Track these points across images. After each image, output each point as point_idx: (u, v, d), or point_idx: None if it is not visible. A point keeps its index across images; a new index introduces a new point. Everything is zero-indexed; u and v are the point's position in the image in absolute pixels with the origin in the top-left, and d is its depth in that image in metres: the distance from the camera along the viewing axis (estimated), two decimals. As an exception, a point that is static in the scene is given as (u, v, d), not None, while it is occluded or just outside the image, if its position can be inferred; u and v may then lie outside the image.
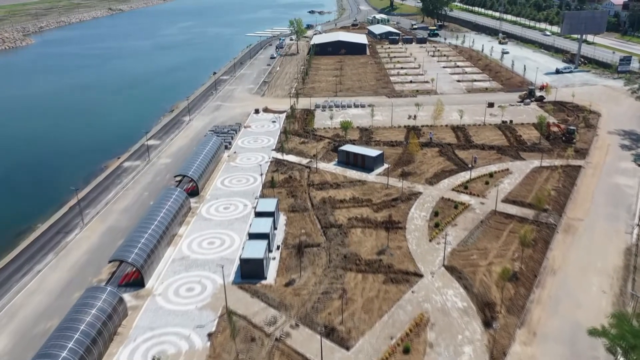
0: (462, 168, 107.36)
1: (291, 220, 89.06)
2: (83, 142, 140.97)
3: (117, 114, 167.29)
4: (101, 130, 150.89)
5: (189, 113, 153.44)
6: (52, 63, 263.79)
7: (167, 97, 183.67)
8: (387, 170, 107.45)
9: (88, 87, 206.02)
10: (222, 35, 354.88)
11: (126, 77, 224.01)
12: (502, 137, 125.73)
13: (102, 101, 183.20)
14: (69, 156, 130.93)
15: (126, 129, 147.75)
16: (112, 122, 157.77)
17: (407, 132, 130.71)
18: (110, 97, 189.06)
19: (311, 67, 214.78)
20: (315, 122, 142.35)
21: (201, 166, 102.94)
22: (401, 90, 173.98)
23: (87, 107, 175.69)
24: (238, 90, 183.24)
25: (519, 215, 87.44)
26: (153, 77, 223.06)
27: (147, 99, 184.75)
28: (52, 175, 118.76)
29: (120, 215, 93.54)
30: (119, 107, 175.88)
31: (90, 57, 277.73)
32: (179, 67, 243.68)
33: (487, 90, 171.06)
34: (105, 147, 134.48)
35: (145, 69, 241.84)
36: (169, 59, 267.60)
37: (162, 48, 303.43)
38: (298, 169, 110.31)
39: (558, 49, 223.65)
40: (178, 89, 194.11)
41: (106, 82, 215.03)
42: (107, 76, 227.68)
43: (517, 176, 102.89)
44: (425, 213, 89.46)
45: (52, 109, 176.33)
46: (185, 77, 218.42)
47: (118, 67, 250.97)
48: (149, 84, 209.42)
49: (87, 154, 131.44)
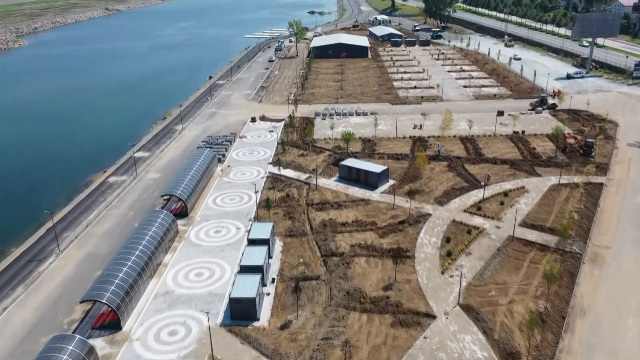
0: (473, 185, 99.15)
1: (288, 246, 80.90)
2: (68, 153, 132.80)
3: (106, 121, 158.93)
4: (89, 140, 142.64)
5: (182, 121, 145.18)
6: (43, 66, 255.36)
7: (160, 102, 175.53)
8: (392, 187, 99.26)
9: (78, 91, 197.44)
10: (220, 36, 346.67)
11: (119, 80, 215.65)
12: (514, 149, 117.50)
13: (92, 107, 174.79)
14: (52, 169, 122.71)
15: (115, 138, 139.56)
16: (100, 131, 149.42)
17: (412, 144, 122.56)
18: (100, 102, 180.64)
19: (311, 71, 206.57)
20: (315, 131, 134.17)
21: (191, 184, 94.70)
22: (405, 96, 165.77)
23: (75, 114, 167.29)
24: (234, 96, 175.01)
25: (540, 243, 79.22)
26: (147, 80, 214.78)
27: (140, 105, 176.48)
28: (32, 191, 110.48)
29: (100, 239, 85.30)
30: (110, 113, 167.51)
31: (83, 59, 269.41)
32: (175, 70, 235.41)
33: (496, 96, 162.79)
34: (92, 159, 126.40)
35: (139, 71, 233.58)
36: (164, 61, 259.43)
37: (158, 49, 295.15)
38: (296, 186, 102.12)
39: (567, 53, 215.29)
40: (172, 94, 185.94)
41: (98, 86, 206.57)
42: (99, 79, 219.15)
43: (534, 195, 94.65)
44: (436, 239, 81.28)
45: (36, 116, 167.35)
46: (180, 81, 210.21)
47: (111, 69, 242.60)
48: (143, 88, 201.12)
49: (72, 166, 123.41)
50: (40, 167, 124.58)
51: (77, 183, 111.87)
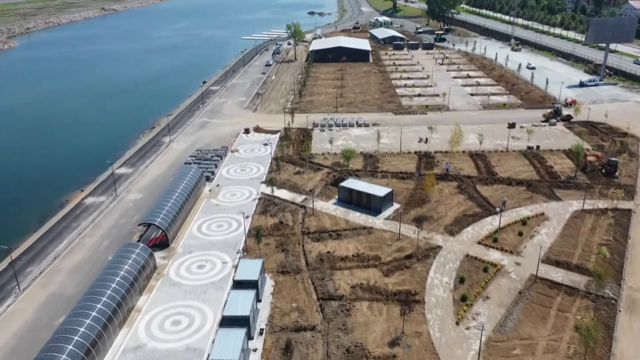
0: (487, 211, 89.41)
1: (280, 286, 71.12)
2: (46, 168, 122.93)
3: (91, 131, 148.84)
4: (70, 153, 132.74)
5: (170, 133, 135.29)
6: (30, 69, 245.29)
7: (150, 110, 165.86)
8: (397, 212, 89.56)
9: (64, 97, 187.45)
10: (217, 38, 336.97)
11: (109, 85, 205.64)
12: (529, 167, 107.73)
13: (77, 116, 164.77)
14: (26, 187, 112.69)
15: (99, 150, 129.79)
16: (83, 142, 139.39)
17: (418, 161, 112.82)
18: (87, 110, 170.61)
19: (309, 76, 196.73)
20: (313, 145, 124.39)
21: (173, 210, 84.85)
22: (409, 105, 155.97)
23: (58, 123, 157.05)
24: (228, 104, 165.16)
25: (567, 284, 69.48)
26: (138, 85, 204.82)
27: (129, 113, 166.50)
28: (3, 212, 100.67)
29: (68, 276, 75.43)
30: (95, 122, 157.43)
31: (73, 61, 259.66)
32: (168, 74, 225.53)
33: (505, 106, 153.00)
34: (71, 175, 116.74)
35: (131, 75, 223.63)
36: (158, 64, 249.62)
37: (152, 52, 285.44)
38: (291, 210, 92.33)
39: (578, 58, 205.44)
40: (164, 101, 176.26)
41: (86, 91, 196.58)
42: (88, 84, 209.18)
43: (556, 224, 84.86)
44: (448, 278, 71.52)
45: (13, 126, 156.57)
46: (172, 86, 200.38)
47: (102, 73, 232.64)
48: (133, 94, 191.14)
49: (49, 183, 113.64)
50: (12, 184, 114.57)
51: (50, 204, 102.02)
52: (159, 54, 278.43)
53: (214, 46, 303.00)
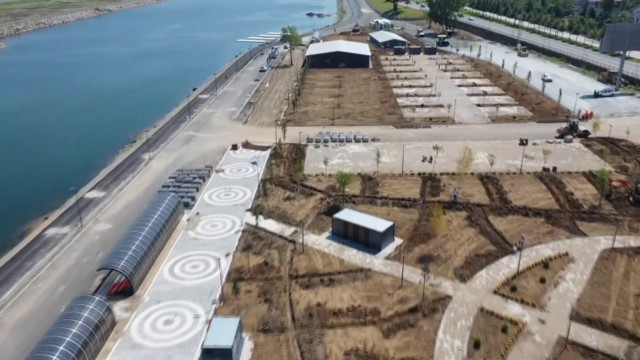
0: (502, 249, 78.05)
1: (260, 351, 59.59)
2: (12, 189, 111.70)
3: (67, 146, 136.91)
4: (41, 171, 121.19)
5: (150, 149, 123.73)
6: (10, 74, 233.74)
7: (133, 121, 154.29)
8: (399, 249, 78.23)
9: (42, 107, 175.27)
10: (212, 40, 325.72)
11: (92, 93, 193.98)
12: (546, 193, 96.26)
13: (53, 128, 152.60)
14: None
15: (73, 169, 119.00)
16: (58, 159, 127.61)
17: (422, 184, 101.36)
18: (64, 122, 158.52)
19: (305, 84, 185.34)
20: (306, 164, 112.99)
21: (140, 250, 73.36)
22: (411, 117, 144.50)
23: (32, 137, 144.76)
24: (217, 115, 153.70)
25: (603, 351, 58.04)
26: (124, 93, 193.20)
27: (109, 125, 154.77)
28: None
29: (10, 335, 63.88)
30: (72, 137, 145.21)
31: (57, 66, 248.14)
32: (157, 80, 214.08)
33: (515, 119, 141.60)
34: (39, 197, 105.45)
35: (117, 82, 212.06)
36: (147, 69, 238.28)
37: (142, 55, 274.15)
38: (278, 246, 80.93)
39: (590, 65, 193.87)
40: (149, 111, 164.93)
41: (65, 101, 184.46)
42: (69, 93, 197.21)
43: (583, 267, 73.45)
44: (460, 341, 60.06)
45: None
46: (160, 94, 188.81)
47: (86, 79, 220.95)
48: (117, 103, 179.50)
49: (13, 208, 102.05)
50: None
51: (9, 235, 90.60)
52: (150, 58, 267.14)
53: (208, 50, 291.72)
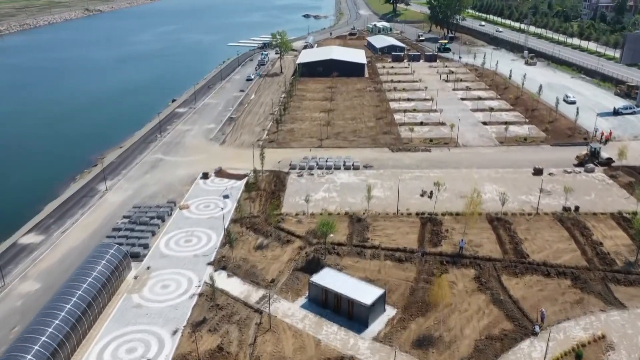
0: (520, 328, 61.96)
1: None
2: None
3: (12, 172, 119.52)
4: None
5: (108, 177, 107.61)
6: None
7: (99, 139, 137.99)
8: (391, 325, 62.25)
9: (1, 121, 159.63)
10: (202, 44, 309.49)
11: (60, 103, 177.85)
12: (570, 243, 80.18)
13: (7, 148, 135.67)
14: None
15: (11, 205, 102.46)
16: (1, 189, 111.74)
17: (421, 228, 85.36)
18: (18, 138, 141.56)
19: (294, 95, 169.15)
20: (286, 199, 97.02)
21: (58, 334, 57.17)
22: (409, 137, 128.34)
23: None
24: (192, 133, 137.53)
25: None
26: (96, 104, 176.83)
27: (71, 143, 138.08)
28: None
29: None
30: (22, 159, 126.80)
31: (30, 71, 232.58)
32: (136, 88, 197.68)
33: (527, 141, 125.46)
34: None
35: (92, 90, 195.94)
36: (128, 76, 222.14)
37: (126, 60, 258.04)
38: (239, 320, 64.84)
39: (606, 77, 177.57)
40: (119, 127, 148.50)
41: (28, 111, 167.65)
42: (35, 101, 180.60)
43: (626, 358, 57.38)
44: None
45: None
46: (136, 106, 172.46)
47: (57, 86, 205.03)
48: (85, 116, 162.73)
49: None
50: None
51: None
52: (134, 63, 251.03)
53: (195, 54, 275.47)
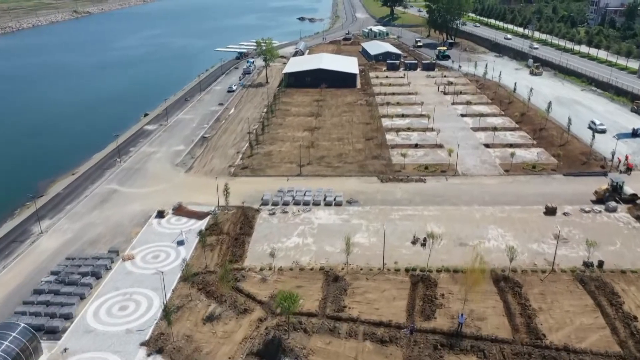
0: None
1: None
2: None
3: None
4: None
5: (46, 216, 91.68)
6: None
7: (52, 164, 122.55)
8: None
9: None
10: (189, 49, 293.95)
11: (18, 116, 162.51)
12: (595, 315, 64.31)
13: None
14: None
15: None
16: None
17: (411, 291, 69.58)
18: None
19: (276, 110, 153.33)
20: (251, 246, 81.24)
21: None
22: (402, 164, 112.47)
23: None
24: (157, 156, 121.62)
25: None
26: (58, 119, 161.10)
27: (16, 169, 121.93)
28: None
29: None
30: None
31: (3, 80, 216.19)
32: (108, 100, 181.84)
33: (536, 169, 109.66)
34: None
35: (58, 102, 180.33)
36: (102, 85, 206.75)
37: (104, 67, 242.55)
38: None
39: (620, 90, 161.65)
40: (76, 148, 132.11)
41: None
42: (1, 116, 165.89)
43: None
44: None
45: None
46: (102, 121, 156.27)
47: (20, 97, 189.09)
48: (42, 135, 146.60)
49: None
50: None
51: None
52: (112, 70, 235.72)
53: (180, 60, 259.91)
